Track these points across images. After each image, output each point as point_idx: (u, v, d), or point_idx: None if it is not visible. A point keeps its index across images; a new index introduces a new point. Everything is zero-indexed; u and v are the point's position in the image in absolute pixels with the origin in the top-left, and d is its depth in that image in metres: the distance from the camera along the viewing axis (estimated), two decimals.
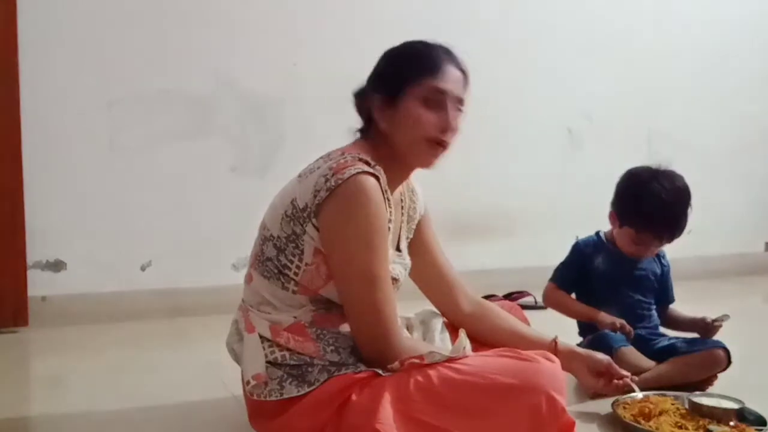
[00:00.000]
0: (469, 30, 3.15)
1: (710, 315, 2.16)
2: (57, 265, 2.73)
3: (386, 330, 1.47)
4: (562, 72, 3.46)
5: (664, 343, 2.12)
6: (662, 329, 2.23)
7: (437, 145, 1.55)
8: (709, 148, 3.75)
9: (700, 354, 2.06)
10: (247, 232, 1.69)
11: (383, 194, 1.51)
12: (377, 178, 1.50)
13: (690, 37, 3.72)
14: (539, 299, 3.08)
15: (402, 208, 1.72)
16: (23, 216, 2.63)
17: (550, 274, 2.27)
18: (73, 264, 2.75)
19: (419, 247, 1.78)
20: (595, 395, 1.94)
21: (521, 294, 3.10)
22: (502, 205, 3.38)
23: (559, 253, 2.27)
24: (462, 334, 1.54)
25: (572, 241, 2.18)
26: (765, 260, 4.04)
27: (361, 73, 1.61)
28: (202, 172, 2.90)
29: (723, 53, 3.80)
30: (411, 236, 1.77)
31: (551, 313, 2.58)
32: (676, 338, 2.17)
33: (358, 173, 1.46)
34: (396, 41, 1.63)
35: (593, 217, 2.27)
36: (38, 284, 2.69)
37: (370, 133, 1.60)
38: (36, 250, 2.69)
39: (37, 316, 2.67)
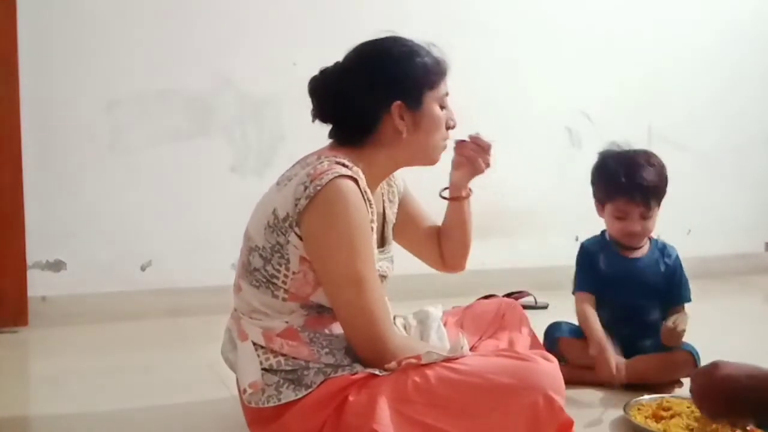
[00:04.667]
0: (468, 30, 3.15)
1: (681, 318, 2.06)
2: (57, 265, 2.74)
3: (379, 331, 1.48)
4: (562, 72, 3.46)
5: (646, 343, 2.10)
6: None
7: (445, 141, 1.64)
8: (709, 148, 3.74)
9: (662, 355, 2.03)
10: None
11: (363, 195, 1.51)
12: (356, 180, 1.50)
13: (690, 36, 3.72)
14: (539, 299, 3.10)
15: (382, 196, 1.73)
16: (23, 216, 2.63)
17: (549, 273, 2.27)
18: (73, 264, 2.75)
19: (409, 220, 1.82)
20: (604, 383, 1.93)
21: (521, 294, 3.09)
22: (502, 205, 3.38)
23: (559, 253, 2.27)
24: (459, 333, 1.54)
25: (572, 241, 2.19)
26: (765, 260, 4.04)
27: None
28: (202, 172, 2.90)
29: (723, 53, 3.80)
30: (395, 220, 1.78)
31: (552, 313, 2.58)
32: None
33: (336, 177, 1.46)
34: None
35: (593, 216, 2.26)
36: (38, 284, 2.69)
37: (365, 140, 1.59)
38: (36, 250, 2.69)
39: (37, 316, 2.66)
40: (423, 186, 1.86)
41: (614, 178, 2.07)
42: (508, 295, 2.99)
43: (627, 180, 2.05)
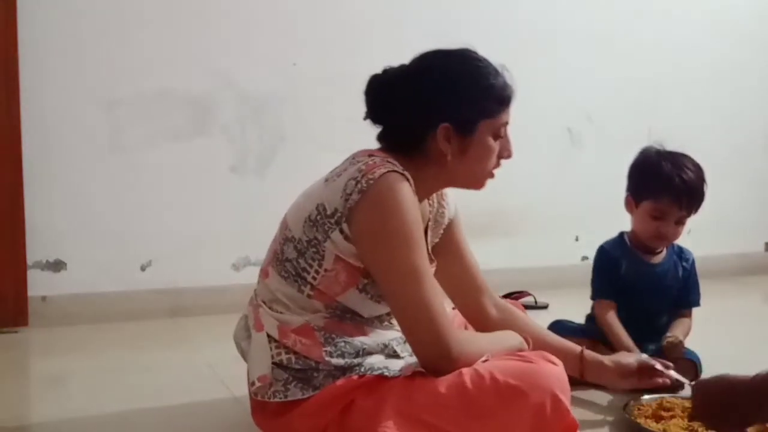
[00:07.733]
0: (468, 30, 3.14)
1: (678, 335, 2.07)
2: (57, 265, 2.73)
3: (439, 325, 1.41)
4: (562, 72, 3.46)
5: (650, 347, 2.07)
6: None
7: (494, 171, 1.59)
8: (709, 148, 3.70)
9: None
10: (247, 231, 1.69)
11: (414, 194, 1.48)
12: (407, 179, 1.46)
13: (690, 37, 3.72)
14: (539, 299, 3.10)
15: (429, 213, 1.69)
16: (23, 216, 2.63)
17: (550, 273, 2.25)
18: (73, 264, 2.75)
19: (449, 249, 1.75)
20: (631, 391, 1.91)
21: (521, 294, 3.09)
22: (502, 205, 3.37)
23: (559, 252, 2.26)
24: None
25: (572, 241, 2.18)
26: (765, 260, 4.04)
27: (361, 72, 1.59)
28: (202, 172, 2.90)
29: (723, 53, 3.81)
30: (437, 240, 1.74)
31: (551, 313, 2.58)
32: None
33: (388, 171, 1.42)
34: (396, 41, 1.63)
35: (593, 216, 2.26)
36: (38, 284, 2.69)
37: (413, 152, 1.53)
38: (36, 250, 2.69)
39: (37, 316, 2.67)
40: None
41: (668, 179, 2.03)
42: (508, 295, 3.00)
43: (681, 183, 2.03)
